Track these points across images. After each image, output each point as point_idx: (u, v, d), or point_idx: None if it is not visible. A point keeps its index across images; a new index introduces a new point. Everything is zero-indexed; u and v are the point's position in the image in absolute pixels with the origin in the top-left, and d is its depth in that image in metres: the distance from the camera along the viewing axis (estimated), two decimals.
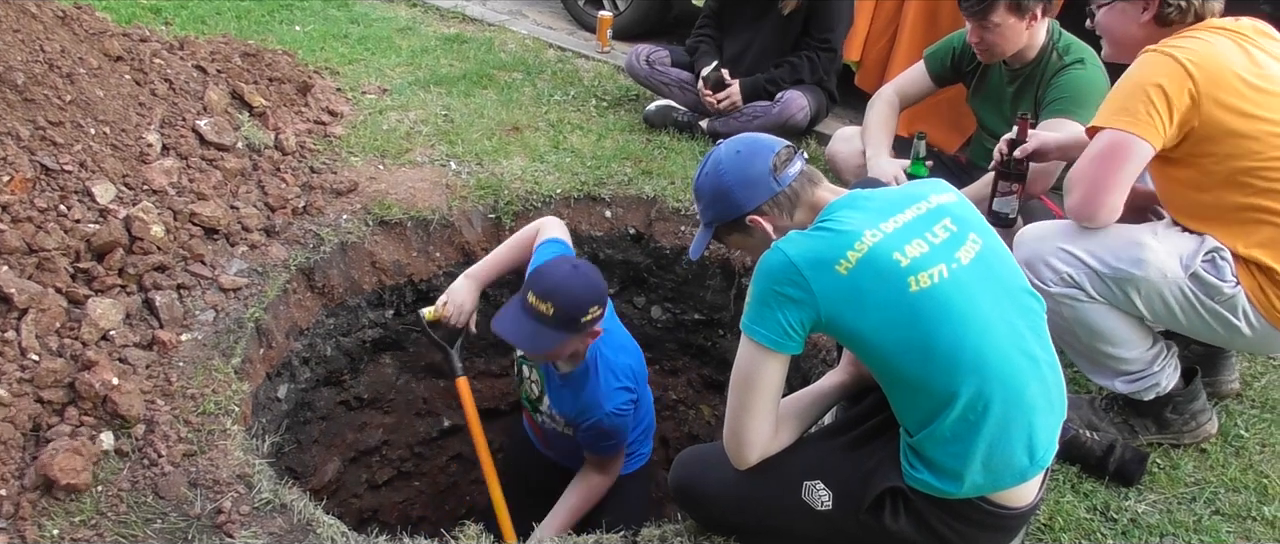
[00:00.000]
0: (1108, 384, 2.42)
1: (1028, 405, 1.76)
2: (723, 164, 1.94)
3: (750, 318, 1.80)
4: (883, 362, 1.76)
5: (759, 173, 1.90)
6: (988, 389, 1.71)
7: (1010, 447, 1.76)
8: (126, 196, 2.74)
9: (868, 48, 4.21)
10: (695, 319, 3.73)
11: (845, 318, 1.73)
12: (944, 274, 1.73)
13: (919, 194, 1.88)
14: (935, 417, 1.74)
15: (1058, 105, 2.80)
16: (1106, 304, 2.25)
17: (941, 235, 1.78)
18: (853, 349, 1.83)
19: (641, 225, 3.55)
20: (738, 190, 1.91)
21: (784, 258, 1.74)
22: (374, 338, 3.43)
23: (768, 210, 1.91)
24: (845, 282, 1.71)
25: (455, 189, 3.44)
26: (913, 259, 1.72)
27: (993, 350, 1.73)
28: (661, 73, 4.14)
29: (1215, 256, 2.16)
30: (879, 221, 1.77)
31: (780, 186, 1.90)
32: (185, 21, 4.64)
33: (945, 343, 1.70)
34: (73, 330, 2.38)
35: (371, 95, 4.10)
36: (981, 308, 1.74)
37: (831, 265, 1.71)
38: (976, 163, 3.23)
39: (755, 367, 1.82)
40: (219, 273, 2.80)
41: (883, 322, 1.71)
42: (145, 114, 3.03)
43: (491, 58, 4.69)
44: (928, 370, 1.72)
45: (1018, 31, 2.82)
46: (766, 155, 1.91)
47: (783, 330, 1.76)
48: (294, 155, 3.39)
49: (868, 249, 1.72)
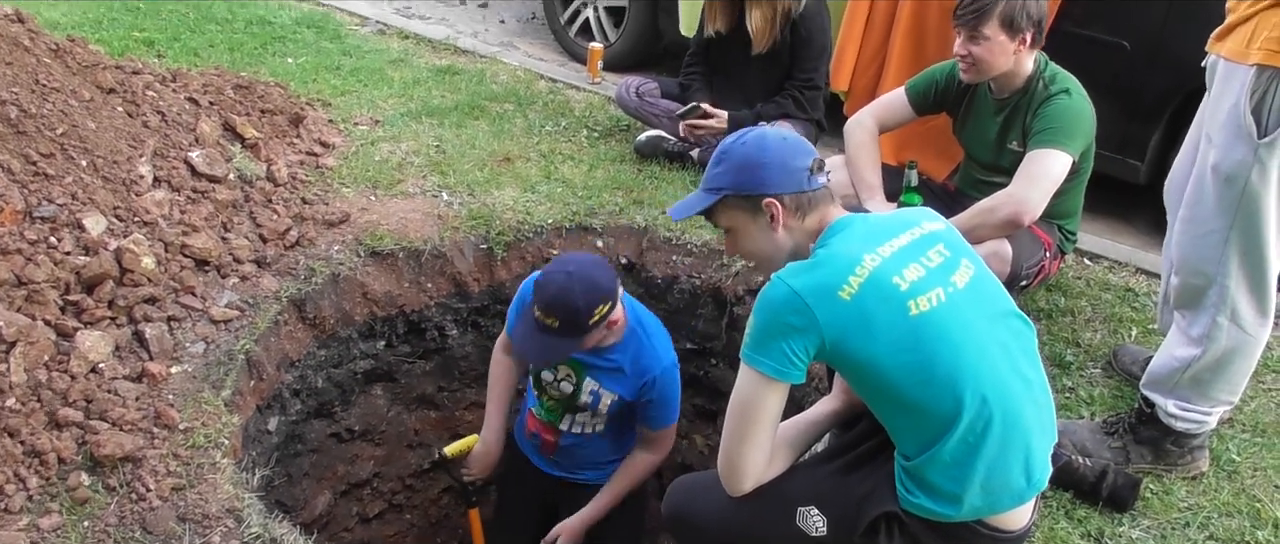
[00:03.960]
0: (1196, 408, 2.44)
1: (1025, 427, 1.78)
2: (769, 140, 1.93)
3: (751, 347, 1.80)
4: (885, 385, 1.76)
5: (798, 165, 1.90)
6: (987, 411, 1.72)
7: (1008, 469, 1.77)
8: (117, 228, 2.74)
9: (856, 77, 4.24)
10: (687, 348, 3.72)
11: (851, 343, 1.73)
12: (941, 298, 1.75)
13: (912, 220, 1.91)
14: (935, 440, 1.75)
15: (1045, 136, 2.82)
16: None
17: (936, 260, 1.81)
18: (854, 375, 1.83)
19: (633, 255, 3.56)
20: (773, 170, 1.90)
21: (787, 288, 1.74)
22: (365, 369, 3.42)
23: (788, 203, 1.90)
24: (850, 307, 1.72)
25: (447, 220, 3.45)
26: (912, 283, 1.74)
27: (990, 373, 1.74)
28: (651, 104, 4.16)
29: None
30: (877, 245, 1.79)
31: (809, 188, 1.91)
32: (178, 54, 4.66)
33: (946, 366, 1.71)
34: (61, 363, 2.37)
35: (364, 126, 4.11)
36: (978, 331, 1.76)
37: (835, 292, 1.72)
38: (964, 191, 3.25)
39: (756, 395, 1.82)
40: (210, 304, 2.79)
41: (888, 345, 1.72)
42: (137, 146, 3.03)
43: (483, 89, 4.71)
44: (929, 393, 1.73)
45: (1006, 51, 2.82)
46: (808, 156, 1.92)
47: (786, 359, 1.76)
48: (286, 186, 3.39)
49: (869, 273, 1.73)
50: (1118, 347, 2.99)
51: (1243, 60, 2.12)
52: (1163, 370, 2.45)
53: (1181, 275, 2.36)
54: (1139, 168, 3.76)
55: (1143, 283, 3.38)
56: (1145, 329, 3.10)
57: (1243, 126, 2.11)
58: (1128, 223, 4.08)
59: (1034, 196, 2.76)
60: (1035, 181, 2.77)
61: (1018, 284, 3.00)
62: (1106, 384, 2.88)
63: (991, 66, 2.85)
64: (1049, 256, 3.05)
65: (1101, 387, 2.87)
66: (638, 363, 2.63)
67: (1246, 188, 2.15)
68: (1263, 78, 2.08)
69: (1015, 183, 2.81)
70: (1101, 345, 3.03)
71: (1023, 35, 2.79)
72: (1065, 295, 3.27)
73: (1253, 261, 2.24)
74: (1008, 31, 2.78)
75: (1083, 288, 3.33)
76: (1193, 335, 2.36)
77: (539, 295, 2.41)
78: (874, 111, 3.26)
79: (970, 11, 2.78)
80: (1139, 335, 3.08)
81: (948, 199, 3.27)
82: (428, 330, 3.49)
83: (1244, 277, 2.26)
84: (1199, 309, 2.34)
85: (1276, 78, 2.06)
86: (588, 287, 2.39)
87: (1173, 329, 2.46)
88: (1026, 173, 2.80)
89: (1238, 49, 2.15)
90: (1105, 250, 3.61)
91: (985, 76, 2.89)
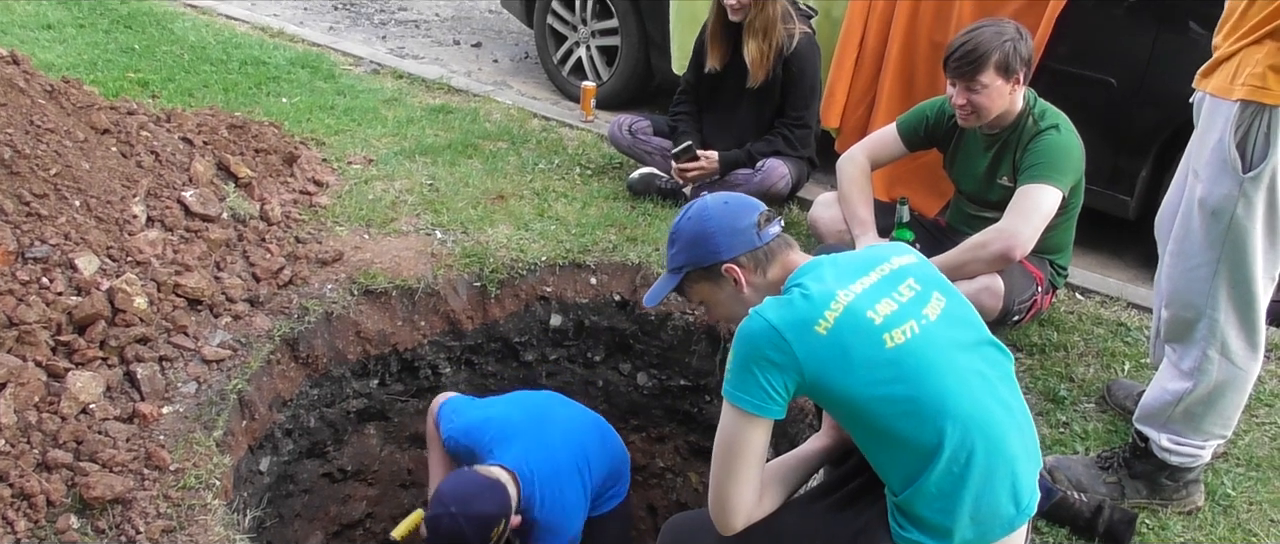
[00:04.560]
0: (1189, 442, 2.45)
1: (1009, 454, 1.79)
2: (710, 209, 1.99)
3: (732, 384, 1.81)
4: (867, 419, 1.77)
5: (745, 225, 1.95)
6: (970, 440, 1.73)
7: (996, 497, 1.78)
8: (110, 268, 2.74)
9: (847, 114, 4.28)
10: (681, 385, 3.72)
11: (830, 377, 1.75)
12: (915, 330, 1.77)
13: (881, 257, 1.94)
14: (920, 472, 1.75)
15: (1035, 171, 2.84)
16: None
17: (907, 294, 1.84)
18: (835, 409, 1.84)
19: (627, 292, 3.56)
20: (722, 236, 1.95)
21: (764, 323, 1.76)
22: (358, 408, 3.41)
23: (745, 262, 1.95)
24: (826, 341, 1.73)
25: (441, 257, 3.45)
26: (885, 317, 1.77)
27: (971, 401, 1.76)
28: (644, 141, 4.19)
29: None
30: (849, 282, 1.82)
31: (761, 242, 1.95)
32: (172, 94, 4.68)
33: (925, 396, 1.73)
34: (52, 405, 2.36)
35: (357, 165, 4.13)
36: (956, 361, 1.78)
37: (811, 326, 1.74)
38: (956, 227, 3.27)
39: (738, 432, 1.82)
40: (202, 344, 2.78)
41: (867, 378, 1.73)
42: (131, 186, 3.04)
43: (476, 127, 4.73)
44: (910, 425, 1.74)
45: (1003, 94, 2.85)
46: (752, 211, 1.98)
47: (766, 394, 1.77)
48: (279, 225, 3.40)
49: (845, 307, 1.76)
50: (1111, 381, 2.99)
51: (1227, 96, 2.15)
52: (1155, 404, 2.46)
53: (1171, 309, 2.37)
54: (1128, 203, 3.79)
55: (1134, 317, 3.39)
56: (1138, 363, 3.11)
57: (1228, 161, 2.14)
58: (1118, 258, 4.10)
59: (1025, 231, 2.78)
60: (1026, 216, 2.79)
61: (1010, 319, 3.01)
62: (1100, 419, 2.88)
63: (990, 111, 2.88)
64: (1041, 291, 3.07)
65: (1095, 421, 2.87)
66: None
67: (1233, 221, 2.17)
68: (1246, 113, 2.10)
69: (1006, 218, 2.83)
70: (1095, 380, 3.04)
71: (1016, 76, 2.83)
72: (1058, 330, 3.28)
73: (1241, 295, 2.25)
74: (1003, 76, 2.81)
75: (1075, 323, 3.34)
76: (1184, 369, 2.37)
77: (430, 536, 2.46)
78: (866, 148, 3.29)
79: (966, 63, 2.80)
80: (1132, 370, 3.09)
81: (939, 235, 3.29)
82: (421, 369, 3.48)
83: (1233, 310, 2.27)
84: (1189, 343, 2.35)
85: (1260, 113, 2.09)
86: (475, 522, 2.44)
87: (1164, 363, 2.47)
88: (1017, 208, 2.82)
89: (1222, 85, 2.17)
90: (1097, 285, 3.63)
91: (984, 120, 2.92)
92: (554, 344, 3.67)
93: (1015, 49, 2.79)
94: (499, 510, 2.50)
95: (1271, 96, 2.06)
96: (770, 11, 3.73)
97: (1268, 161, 2.10)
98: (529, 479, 2.66)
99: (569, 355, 3.73)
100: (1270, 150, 2.09)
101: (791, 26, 3.80)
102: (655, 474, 3.90)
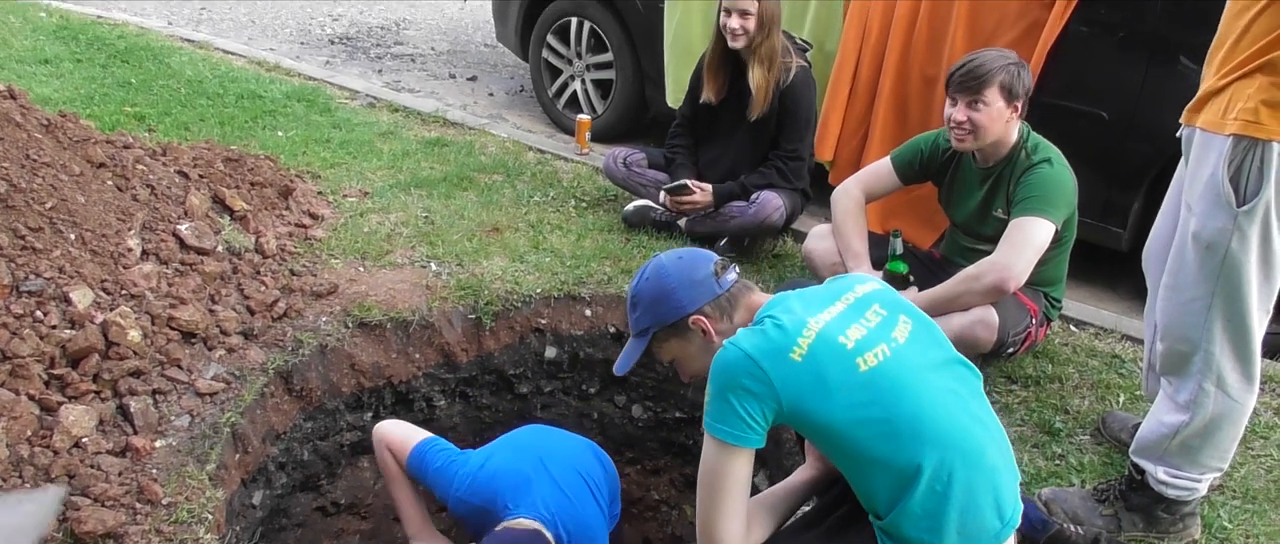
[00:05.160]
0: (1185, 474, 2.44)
1: (990, 467, 1.81)
2: (666, 267, 2.03)
3: (711, 415, 1.83)
4: (846, 443, 1.79)
5: (703, 275, 1.99)
6: (949, 458, 1.75)
7: (980, 511, 1.80)
8: (104, 301, 2.74)
9: (840, 147, 4.31)
10: (676, 418, 3.71)
11: (807, 403, 1.76)
12: (886, 353, 1.80)
13: (846, 286, 1.98)
14: (903, 494, 1.77)
15: (1028, 204, 2.86)
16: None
17: (875, 319, 1.88)
18: (815, 436, 1.86)
19: (622, 324, 3.56)
20: (682, 291, 1.97)
21: (739, 352, 1.78)
22: (352, 441, 3.39)
23: (709, 312, 1.98)
24: (802, 367, 1.75)
25: (435, 290, 3.45)
26: (856, 341, 1.80)
27: (948, 419, 1.79)
28: (639, 174, 4.20)
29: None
30: (818, 311, 1.85)
31: (722, 289, 1.99)
32: (169, 128, 4.69)
33: (906, 416, 1.75)
34: (44, 439, 2.34)
35: (352, 198, 4.13)
36: (929, 380, 1.81)
37: (786, 353, 1.76)
38: (950, 259, 3.28)
39: (720, 464, 1.84)
40: (196, 377, 2.77)
41: (844, 402, 1.76)
42: (126, 219, 3.04)
43: (472, 160, 4.75)
44: (890, 446, 1.75)
45: (1002, 117, 2.88)
46: (707, 262, 2.02)
47: (744, 424, 1.78)
48: (274, 258, 3.40)
49: (816, 334, 1.79)
50: (1106, 413, 2.99)
51: (1219, 130, 2.17)
52: (1151, 437, 2.46)
53: (1166, 342, 2.38)
54: (1121, 235, 3.81)
55: (1129, 349, 3.40)
56: (1133, 395, 3.11)
57: (1222, 195, 2.15)
58: (1112, 290, 4.11)
59: (1018, 264, 2.79)
60: (1019, 249, 2.81)
61: (1005, 351, 3.01)
62: (1096, 451, 2.88)
63: (989, 132, 2.90)
64: (1035, 324, 3.08)
65: (1091, 453, 2.86)
66: None
67: (1227, 255, 2.18)
68: (1239, 147, 2.12)
69: (999, 250, 2.85)
70: (1090, 412, 3.04)
71: (1016, 103, 2.86)
72: (1052, 362, 3.28)
73: (1236, 328, 2.26)
74: (1006, 98, 2.85)
75: (1069, 355, 3.34)
76: (1180, 402, 2.37)
77: None
78: (860, 181, 3.31)
79: (972, 79, 2.83)
80: (1127, 402, 3.09)
81: (933, 267, 3.30)
82: (415, 401, 3.47)
83: (1228, 343, 2.27)
84: (1185, 376, 2.35)
85: (1252, 147, 2.10)
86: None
87: (1160, 395, 2.47)
88: (1010, 240, 2.83)
89: (1213, 119, 2.19)
90: (1091, 317, 3.64)
91: (980, 143, 2.94)
92: (548, 376, 3.67)
93: (1018, 75, 2.84)
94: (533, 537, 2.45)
95: (1264, 131, 2.08)
96: (774, 41, 3.76)
97: (1261, 195, 2.11)
98: (553, 522, 2.62)
99: (563, 387, 3.73)
100: (1264, 184, 2.11)
101: (789, 60, 3.83)
102: (650, 507, 3.88)
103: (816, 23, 4.31)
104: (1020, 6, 3.73)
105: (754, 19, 3.69)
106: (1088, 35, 3.67)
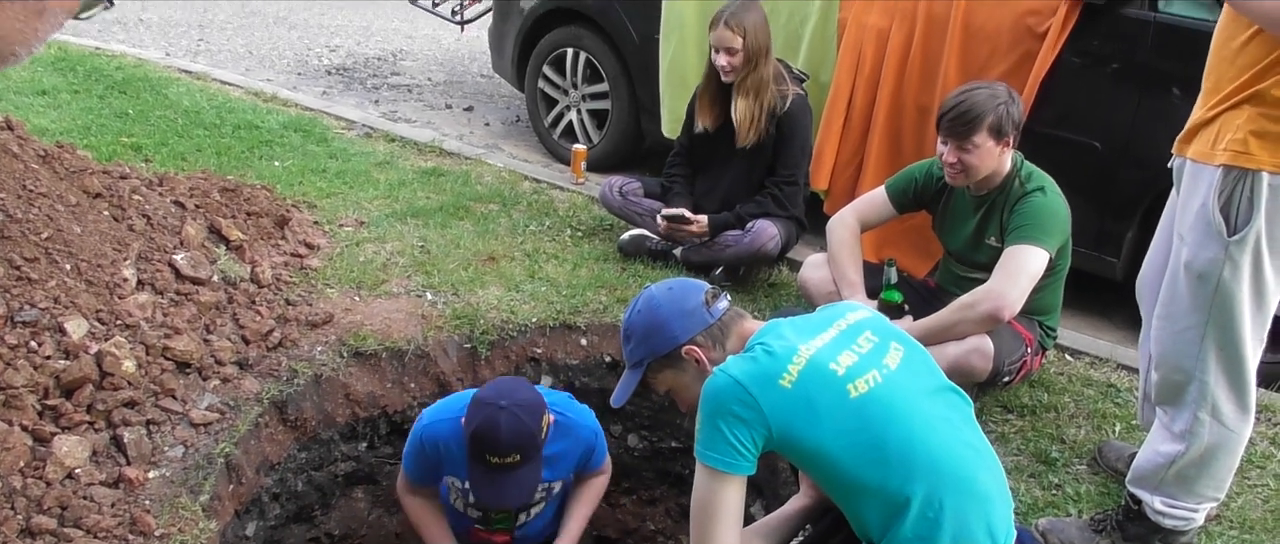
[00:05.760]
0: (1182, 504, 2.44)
1: (982, 494, 1.80)
2: (657, 298, 2.03)
3: (702, 443, 1.84)
4: (838, 470, 1.79)
5: (694, 305, 1.99)
6: (941, 485, 1.75)
7: (973, 538, 1.80)
8: (99, 332, 2.73)
9: (835, 177, 4.33)
10: (672, 447, 3.70)
11: (797, 429, 1.77)
12: (877, 379, 1.81)
13: (837, 314, 1.99)
14: (895, 521, 1.77)
15: (1022, 232, 2.88)
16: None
17: (866, 346, 1.89)
18: (806, 464, 1.86)
19: (617, 353, 3.55)
20: (674, 322, 1.98)
21: (729, 379, 1.79)
22: (346, 471, 3.38)
23: (702, 342, 1.98)
24: (791, 394, 1.76)
25: (431, 319, 3.45)
26: (847, 368, 1.81)
27: (940, 446, 1.79)
28: (635, 203, 4.21)
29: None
30: (809, 338, 1.86)
31: (713, 318, 1.99)
32: (165, 158, 4.70)
33: (897, 442, 1.75)
34: (37, 470, 2.33)
35: (349, 228, 4.14)
36: (920, 407, 1.82)
37: (775, 380, 1.77)
38: (945, 287, 3.29)
39: (712, 492, 1.84)
40: (190, 407, 2.77)
41: (835, 429, 1.76)
42: (122, 249, 3.04)
43: (468, 190, 4.76)
44: (882, 473, 1.76)
45: (993, 154, 2.90)
46: (698, 291, 2.02)
47: (734, 451, 1.79)
48: (270, 288, 3.40)
49: (807, 360, 1.79)
50: (1102, 443, 2.99)
51: (1208, 161, 2.18)
52: (1148, 467, 2.45)
53: (1161, 371, 2.38)
54: (1115, 265, 3.82)
55: (1124, 378, 3.40)
56: (1129, 425, 3.11)
57: (1212, 225, 2.16)
58: (1107, 319, 4.12)
59: (1013, 292, 2.80)
60: (1013, 277, 2.82)
61: (1001, 380, 3.01)
62: (1093, 481, 2.87)
63: (980, 171, 2.93)
64: (1030, 353, 3.08)
65: (1088, 483, 2.86)
66: (573, 443, 2.70)
67: (1220, 284, 2.19)
68: (1229, 177, 2.14)
69: (994, 278, 2.85)
70: (1086, 441, 3.03)
71: (1007, 138, 2.88)
72: (1048, 391, 3.28)
73: (1230, 357, 2.26)
74: (995, 138, 2.86)
75: (1065, 384, 3.34)
76: (1175, 431, 2.37)
77: (490, 444, 2.39)
78: (856, 210, 3.32)
79: (961, 124, 2.85)
80: (1123, 431, 3.09)
81: (928, 295, 3.31)
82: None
83: (1222, 372, 2.28)
84: (1180, 405, 2.35)
85: (1242, 177, 2.12)
86: (528, 410, 2.41)
87: (1156, 425, 2.47)
88: (1005, 269, 2.84)
89: (1203, 150, 2.21)
90: (1086, 346, 3.64)
91: (973, 180, 2.97)
92: None
93: (1007, 112, 2.85)
94: (537, 396, 2.47)
95: (1253, 161, 2.10)
96: (763, 72, 3.78)
97: (1252, 225, 2.13)
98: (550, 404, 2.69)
99: None
100: (1254, 214, 2.12)
101: (785, 88, 3.85)
102: (646, 537, 3.86)
103: (811, 54, 4.34)
104: (1013, 37, 3.77)
105: (741, 55, 3.72)
106: (1080, 66, 3.70)
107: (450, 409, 2.67)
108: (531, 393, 2.48)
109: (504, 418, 2.37)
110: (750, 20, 3.70)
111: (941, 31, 3.91)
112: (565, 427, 2.69)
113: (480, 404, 2.44)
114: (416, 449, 2.72)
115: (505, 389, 2.46)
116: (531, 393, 2.48)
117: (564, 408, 2.73)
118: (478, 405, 2.44)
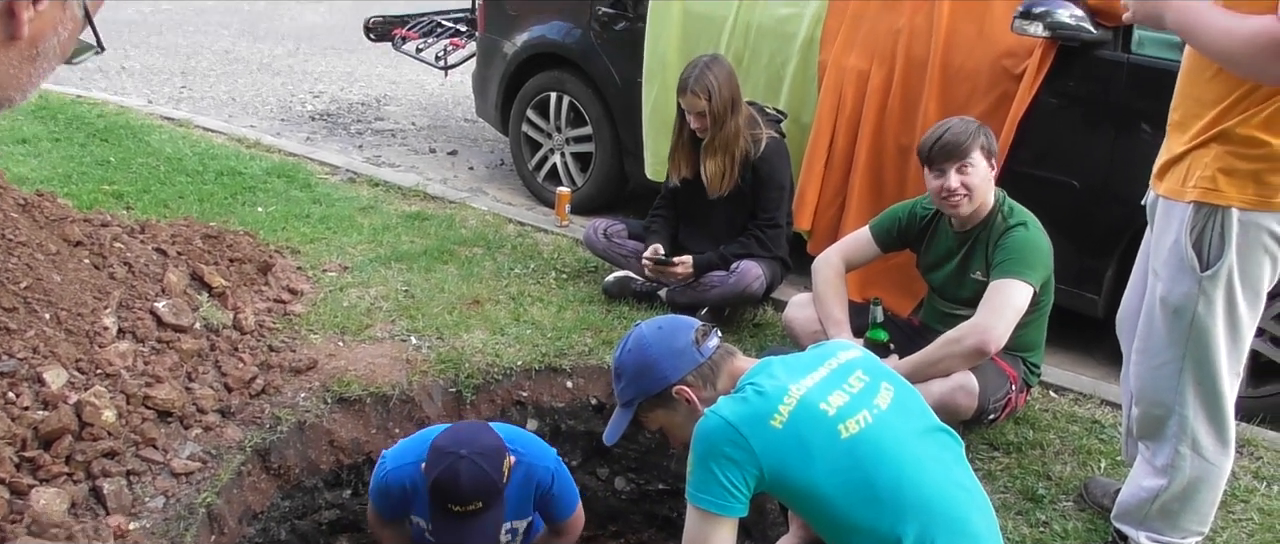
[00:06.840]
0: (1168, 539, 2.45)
1: (974, 534, 1.81)
2: (646, 338, 2.04)
3: (693, 485, 1.84)
4: (829, 510, 1.79)
5: (683, 344, 1.99)
6: (932, 525, 1.75)
7: None
8: (78, 381, 2.71)
9: (818, 217, 4.35)
10: (660, 490, 3.67)
11: (789, 470, 1.76)
12: (868, 420, 1.81)
13: (828, 353, 2.00)
14: None
15: (1005, 266, 2.91)
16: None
17: (857, 386, 1.89)
18: (798, 504, 1.86)
19: (603, 395, 3.55)
20: (664, 361, 1.98)
21: (720, 420, 1.79)
22: (330, 519, 3.34)
23: (692, 381, 1.98)
24: (783, 434, 1.76)
25: (416, 364, 3.43)
26: (837, 408, 1.81)
27: (931, 486, 1.79)
28: (619, 245, 4.22)
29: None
30: (800, 377, 1.86)
31: (703, 357, 1.99)
32: (147, 205, 4.69)
33: (888, 482, 1.75)
34: (14, 523, 2.29)
35: (332, 273, 4.13)
36: (911, 447, 1.82)
37: (766, 420, 1.77)
38: (930, 325, 3.30)
39: (705, 534, 1.83)
40: (171, 457, 2.74)
41: (826, 469, 1.76)
42: (103, 298, 3.02)
43: (452, 234, 4.76)
44: (873, 512, 1.75)
45: (988, 177, 2.98)
46: (688, 330, 2.02)
47: (727, 492, 1.78)
48: (252, 334, 3.38)
49: (798, 401, 1.80)
50: (1088, 479, 2.99)
51: (1180, 198, 2.22)
52: (1132, 502, 2.46)
53: (1141, 406, 2.40)
54: (1096, 301, 3.84)
55: (1108, 414, 3.41)
56: (1114, 460, 3.11)
57: (1185, 260, 2.19)
58: (1089, 355, 4.14)
59: (999, 326, 2.82)
60: (999, 311, 2.84)
61: (986, 418, 3.02)
62: (1079, 517, 2.87)
63: (981, 192, 2.98)
64: (1015, 390, 3.09)
65: (1075, 519, 2.85)
66: (529, 481, 2.67)
67: (1195, 319, 2.21)
68: (1200, 214, 2.17)
69: (979, 313, 2.88)
70: (1072, 478, 3.04)
71: (993, 162, 2.96)
72: (1033, 428, 3.29)
73: (1207, 391, 2.28)
74: (986, 158, 2.94)
75: (1050, 420, 3.35)
76: (1157, 466, 2.38)
77: (451, 494, 2.38)
78: (840, 250, 3.35)
79: (953, 147, 2.92)
80: (1108, 467, 3.09)
81: (913, 334, 3.32)
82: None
83: (1201, 406, 2.29)
84: (1161, 439, 2.37)
85: (1213, 214, 2.15)
86: (488, 457, 2.40)
87: (1138, 460, 2.48)
88: (989, 303, 2.87)
89: (1174, 187, 2.24)
90: (1070, 382, 3.65)
91: (975, 204, 3.00)
92: None
93: (988, 137, 2.95)
94: (496, 440, 2.46)
95: (1223, 198, 2.13)
96: (729, 128, 3.80)
97: (1223, 260, 2.16)
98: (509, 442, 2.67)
99: None
100: (1225, 249, 2.15)
101: (758, 132, 3.88)
102: None
103: (792, 95, 4.39)
104: (991, 78, 3.82)
105: (708, 115, 3.76)
106: (1057, 106, 3.75)
107: (411, 453, 2.66)
108: (491, 437, 2.47)
109: (464, 466, 2.36)
110: (712, 79, 3.73)
111: (921, 73, 3.96)
112: (522, 465, 2.68)
113: (440, 453, 2.42)
114: (381, 492, 2.71)
115: (464, 437, 2.44)
116: (491, 437, 2.47)
117: (523, 446, 2.71)
118: (437, 454, 2.43)
